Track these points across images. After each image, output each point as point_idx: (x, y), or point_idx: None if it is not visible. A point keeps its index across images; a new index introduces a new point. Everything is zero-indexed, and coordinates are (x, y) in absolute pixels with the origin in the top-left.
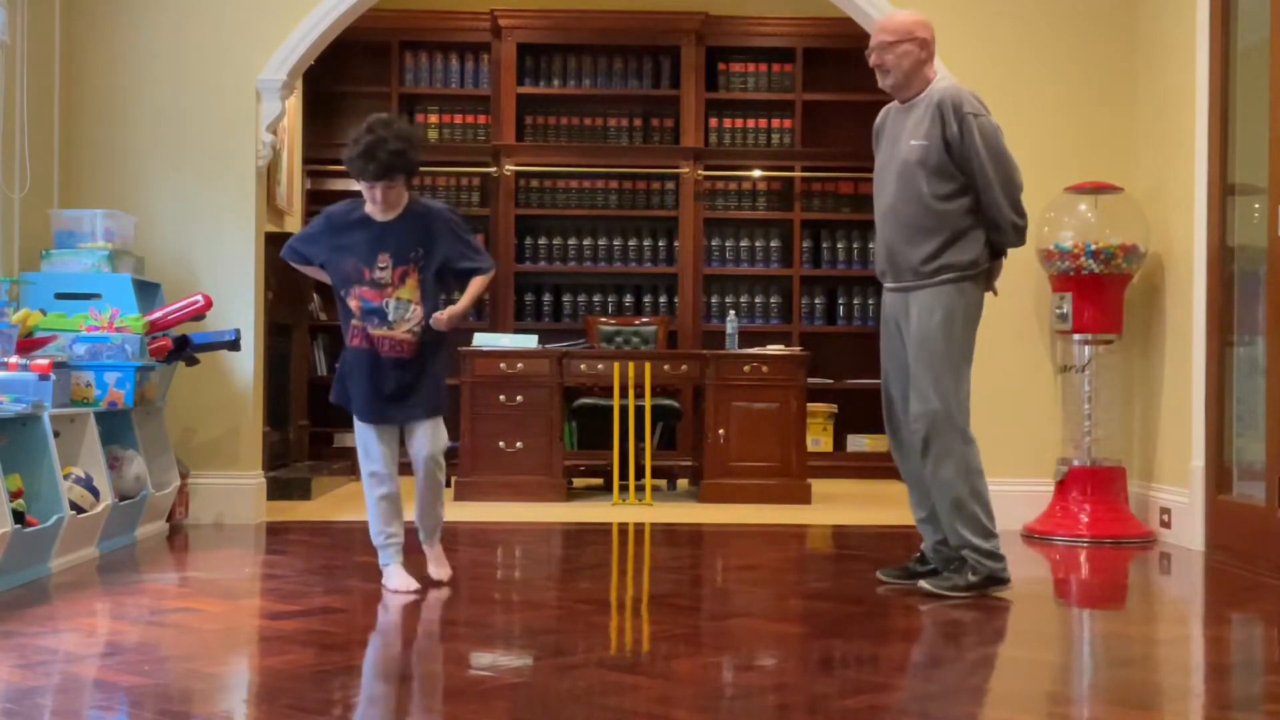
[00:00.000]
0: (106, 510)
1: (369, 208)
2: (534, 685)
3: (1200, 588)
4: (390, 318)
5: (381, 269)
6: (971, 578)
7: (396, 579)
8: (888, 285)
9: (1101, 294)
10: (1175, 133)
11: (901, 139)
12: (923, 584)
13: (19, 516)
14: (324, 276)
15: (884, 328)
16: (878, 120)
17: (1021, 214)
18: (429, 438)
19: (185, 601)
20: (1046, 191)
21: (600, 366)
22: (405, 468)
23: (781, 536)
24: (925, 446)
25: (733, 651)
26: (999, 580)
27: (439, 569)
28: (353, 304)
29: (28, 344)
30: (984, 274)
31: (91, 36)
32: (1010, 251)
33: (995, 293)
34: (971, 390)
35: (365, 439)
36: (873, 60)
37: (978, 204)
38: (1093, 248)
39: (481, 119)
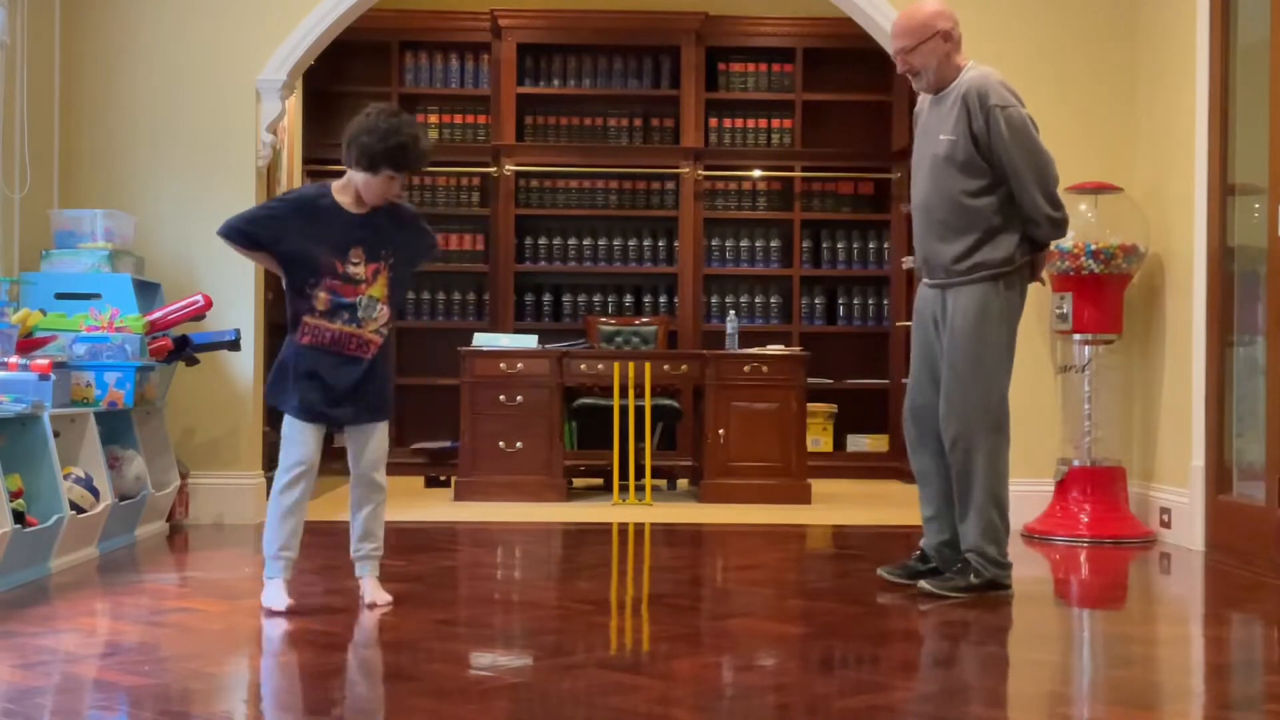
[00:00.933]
0: (106, 510)
1: (340, 197)
2: (534, 685)
3: (1200, 588)
4: (360, 315)
5: (355, 264)
6: (974, 580)
7: (281, 597)
8: (925, 281)
9: (1101, 294)
10: (1175, 133)
11: (934, 133)
12: (923, 584)
13: (19, 516)
14: (269, 264)
15: (917, 321)
16: (916, 108)
17: (1057, 206)
18: (377, 442)
19: (185, 601)
20: None
21: (600, 366)
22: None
23: (781, 536)
24: (954, 445)
25: (733, 651)
26: (1001, 587)
27: (379, 594)
28: (322, 296)
29: (28, 344)
30: (1021, 270)
31: (91, 36)
32: None
33: (1043, 282)
34: None
35: (300, 438)
36: (900, 68)
37: (1010, 199)
38: (1093, 248)
39: (481, 119)
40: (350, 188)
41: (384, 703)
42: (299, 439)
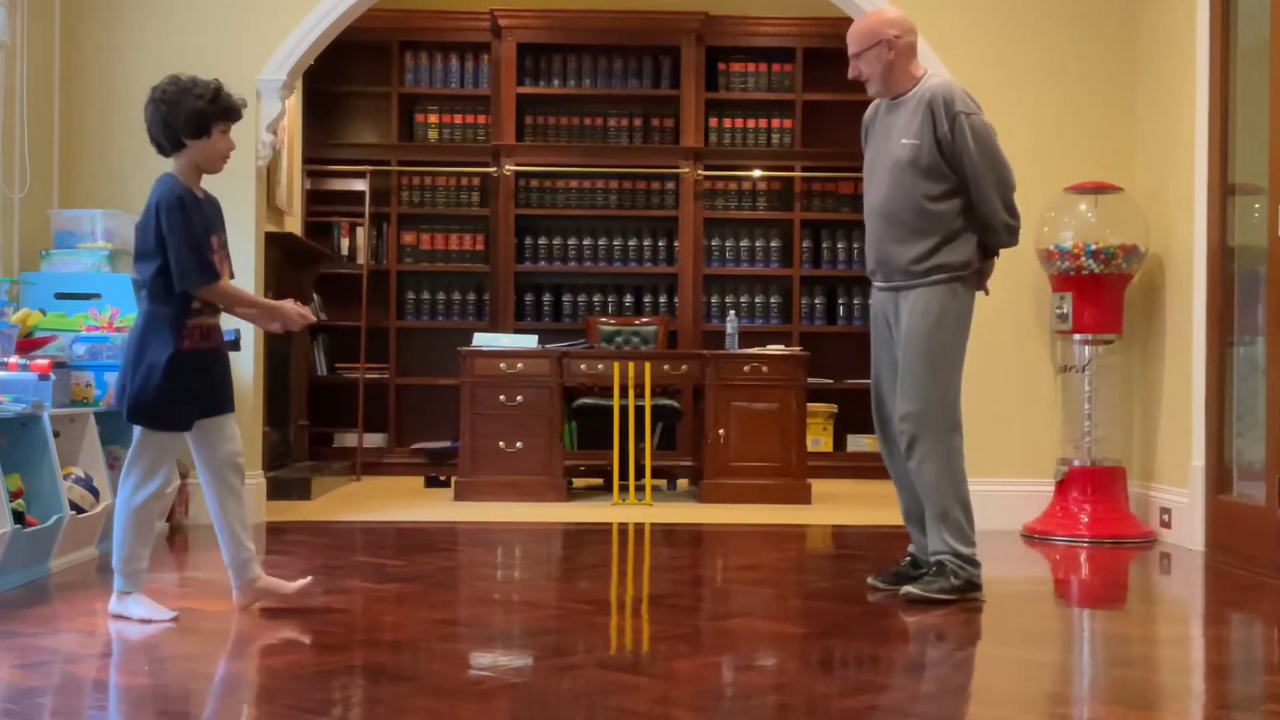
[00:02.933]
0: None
1: (192, 182)
2: (534, 685)
3: (1200, 588)
4: (221, 306)
5: (215, 252)
6: (954, 581)
7: (152, 608)
8: (878, 284)
9: (1101, 294)
10: (1175, 133)
11: (892, 137)
12: (907, 589)
13: (19, 516)
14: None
15: (874, 326)
16: (866, 116)
17: (1014, 214)
18: (236, 430)
19: (185, 601)
20: (1046, 191)
21: (600, 366)
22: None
23: (781, 536)
24: (910, 447)
25: (733, 651)
26: (975, 587)
27: (291, 583)
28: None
29: (28, 344)
30: (975, 275)
31: (91, 36)
32: (1009, 251)
33: (987, 292)
34: (971, 390)
35: (173, 447)
36: (850, 73)
37: (970, 204)
38: (1093, 248)
39: (481, 119)
40: (187, 171)
41: (384, 703)
42: (171, 448)
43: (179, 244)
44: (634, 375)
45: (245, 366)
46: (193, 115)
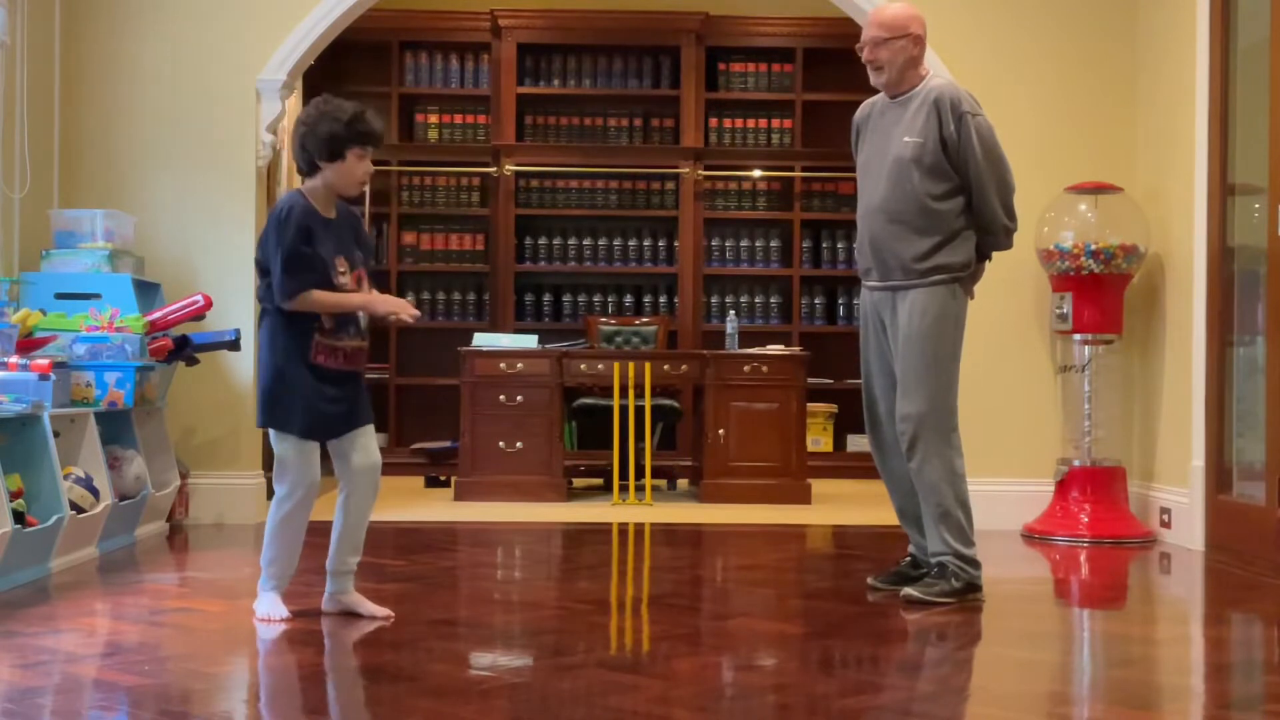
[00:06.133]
0: (106, 510)
1: (315, 203)
2: (534, 685)
3: (1200, 588)
4: (363, 327)
5: (341, 274)
6: (954, 584)
7: (272, 607)
8: (872, 284)
9: (1101, 294)
10: (1175, 133)
11: (894, 135)
12: (907, 591)
13: (19, 516)
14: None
15: (865, 326)
16: (858, 116)
17: (1013, 217)
18: (372, 445)
19: (185, 601)
20: (1046, 191)
21: (600, 366)
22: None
23: (781, 536)
24: (911, 448)
25: (733, 651)
26: (976, 588)
27: (373, 606)
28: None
29: (28, 344)
30: (973, 276)
31: (91, 36)
32: (1009, 252)
33: (972, 296)
34: (971, 390)
35: (309, 458)
36: (865, 55)
37: (970, 205)
38: (1093, 248)
39: (481, 119)
40: (320, 192)
41: (384, 703)
42: (307, 459)
43: (273, 257)
44: (634, 375)
45: (245, 366)
46: (327, 139)
